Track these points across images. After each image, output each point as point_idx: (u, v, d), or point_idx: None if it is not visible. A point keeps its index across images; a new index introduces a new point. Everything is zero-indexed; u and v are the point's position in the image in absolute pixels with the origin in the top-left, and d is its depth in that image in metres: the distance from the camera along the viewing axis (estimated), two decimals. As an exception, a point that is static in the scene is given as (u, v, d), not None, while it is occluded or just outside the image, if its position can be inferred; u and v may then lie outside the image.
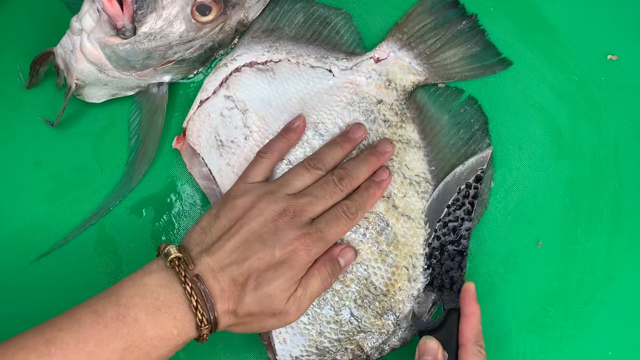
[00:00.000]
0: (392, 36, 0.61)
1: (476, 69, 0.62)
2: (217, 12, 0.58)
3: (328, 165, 0.56)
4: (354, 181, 0.55)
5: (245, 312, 0.49)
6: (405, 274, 0.58)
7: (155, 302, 0.47)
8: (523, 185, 0.62)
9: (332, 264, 0.54)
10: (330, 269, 0.53)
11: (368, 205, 0.56)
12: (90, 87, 0.60)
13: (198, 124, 0.60)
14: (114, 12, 0.54)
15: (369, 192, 0.56)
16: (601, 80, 0.63)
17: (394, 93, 0.60)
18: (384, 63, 0.61)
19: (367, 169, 0.56)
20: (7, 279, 0.60)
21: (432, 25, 0.62)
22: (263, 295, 0.49)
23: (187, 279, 0.47)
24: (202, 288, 0.48)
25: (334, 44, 0.62)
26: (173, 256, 0.48)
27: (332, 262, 0.54)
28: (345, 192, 0.55)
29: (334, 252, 0.55)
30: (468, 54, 0.62)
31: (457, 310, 0.55)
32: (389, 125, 0.59)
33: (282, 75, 0.60)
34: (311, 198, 0.53)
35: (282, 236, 0.50)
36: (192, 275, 0.48)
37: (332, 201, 0.54)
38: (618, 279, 0.60)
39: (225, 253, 0.50)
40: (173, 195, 0.62)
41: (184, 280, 0.47)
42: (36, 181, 0.62)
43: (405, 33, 0.61)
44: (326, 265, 0.53)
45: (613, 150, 0.62)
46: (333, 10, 0.62)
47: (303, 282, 0.52)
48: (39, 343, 0.44)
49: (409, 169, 0.59)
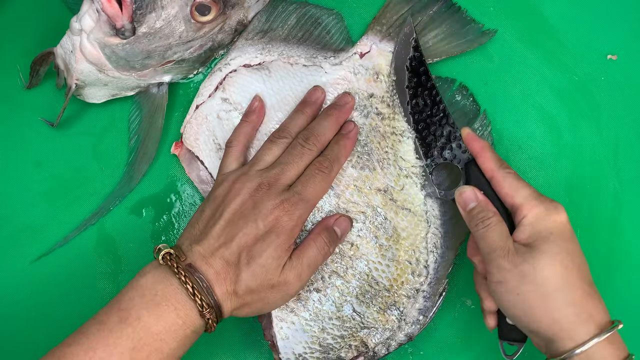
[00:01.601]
0: (372, 29, 0.62)
1: (461, 45, 0.62)
2: (216, 12, 0.58)
3: (293, 132, 0.56)
4: (320, 137, 0.56)
5: (244, 289, 0.50)
6: (408, 268, 0.58)
7: (155, 297, 0.48)
8: (523, 185, 0.62)
9: (328, 232, 0.55)
10: (327, 238, 0.54)
11: (342, 157, 0.56)
12: (90, 88, 0.60)
13: (195, 127, 0.60)
14: (113, 12, 0.54)
15: (339, 145, 0.56)
16: (601, 80, 0.63)
17: (383, 85, 0.60)
18: (369, 57, 0.61)
19: (330, 123, 0.57)
20: (7, 279, 0.60)
21: (408, 13, 0.62)
22: (256, 267, 0.50)
23: (179, 269, 0.48)
24: (197, 275, 0.49)
25: (324, 44, 0.62)
26: (164, 252, 0.50)
27: (327, 231, 0.55)
28: (314, 151, 0.55)
29: (329, 222, 0.56)
30: (449, 33, 0.62)
31: (472, 160, 0.55)
32: (382, 117, 0.59)
33: (277, 74, 0.60)
34: (282, 166, 0.54)
35: (261, 208, 0.51)
36: (185, 265, 0.49)
37: (303, 163, 0.54)
38: (618, 279, 0.60)
39: (212, 238, 0.51)
40: (173, 195, 0.62)
41: (177, 272, 0.48)
42: (36, 181, 0.62)
43: (384, 24, 0.61)
44: (321, 234, 0.54)
45: (613, 150, 0.62)
46: (325, 10, 0.62)
47: (298, 252, 0.53)
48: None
49: (404, 160, 0.59)
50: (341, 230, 0.56)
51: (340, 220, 0.56)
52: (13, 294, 0.60)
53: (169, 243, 0.61)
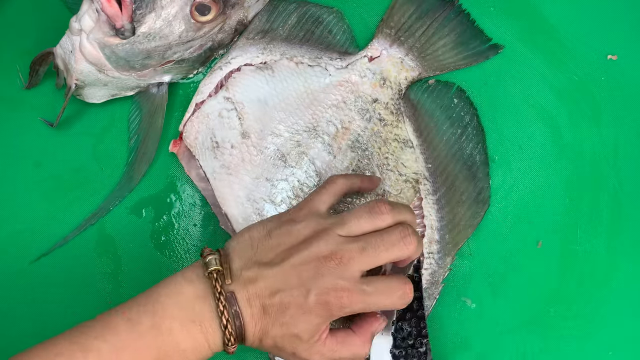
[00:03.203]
0: (381, 32, 0.62)
1: (469, 57, 0.62)
2: (216, 12, 0.58)
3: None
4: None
5: (270, 344, 0.48)
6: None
7: (190, 313, 0.46)
8: (523, 185, 0.62)
9: (372, 341, 0.51)
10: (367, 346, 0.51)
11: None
12: (90, 88, 0.60)
13: (196, 125, 0.60)
14: (113, 12, 0.54)
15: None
16: (601, 80, 0.63)
17: (389, 92, 0.60)
18: (378, 61, 0.61)
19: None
20: (7, 279, 0.60)
21: (417, 15, 0.62)
22: (287, 333, 0.47)
23: (221, 296, 0.46)
24: (234, 309, 0.47)
25: (327, 44, 0.62)
26: (212, 268, 0.47)
27: (372, 340, 0.51)
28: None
29: (374, 329, 0.51)
30: (458, 43, 0.62)
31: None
32: (385, 124, 0.60)
33: (280, 74, 0.60)
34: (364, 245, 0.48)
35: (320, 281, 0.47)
36: (227, 292, 0.47)
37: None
38: (618, 279, 0.60)
39: (262, 279, 0.47)
40: (173, 195, 0.62)
41: (217, 297, 0.46)
42: (36, 181, 0.62)
43: (393, 27, 0.61)
44: (365, 345, 0.50)
45: (613, 150, 0.62)
46: (325, 9, 0.62)
47: (334, 342, 0.49)
48: (75, 351, 0.44)
49: (405, 167, 0.59)
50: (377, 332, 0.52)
51: (382, 325, 0.52)
52: (13, 294, 0.60)
53: (168, 243, 0.61)
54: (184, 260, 0.60)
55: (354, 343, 0.50)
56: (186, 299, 0.47)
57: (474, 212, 0.59)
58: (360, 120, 0.59)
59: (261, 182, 0.58)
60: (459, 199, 0.59)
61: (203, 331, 0.46)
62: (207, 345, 0.47)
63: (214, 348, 0.47)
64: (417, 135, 0.60)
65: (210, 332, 0.47)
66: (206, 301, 0.47)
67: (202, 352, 0.47)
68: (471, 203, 0.60)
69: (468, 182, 0.60)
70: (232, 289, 0.47)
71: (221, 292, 0.46)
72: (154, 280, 0.60)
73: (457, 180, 0.60)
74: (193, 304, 0.47)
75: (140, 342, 0.45)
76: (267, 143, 0.59)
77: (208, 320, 0.47)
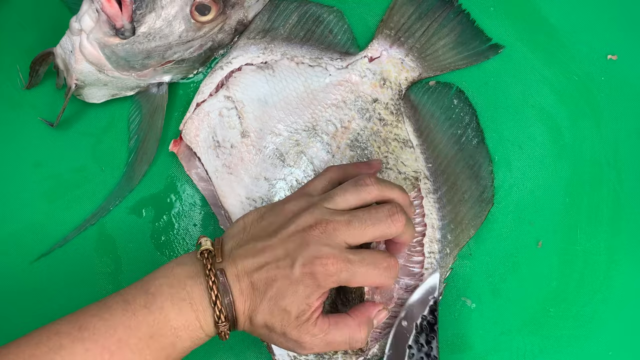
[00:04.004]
0: (381, 33, 0.62)
1: (469, 57, 0.62)
2: (216, 12, 0.58)
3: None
4: None
5: (259, 322, 0.48)
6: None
7: (181, 292, 0.47)
8: (523, 185, 0.62)
9: (367, 326, 0.51)
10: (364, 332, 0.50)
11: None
12: (90, 88, 0.60)
13: (197, 122, 0.60)
14: (113, 12, 0.54)
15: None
16: (601, 80, 0.63)
17: (389, 92, 0.60)
18: (378, 62, 0.61)
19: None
20: (7, 279, 0.60)
21: (416, 16, 0.62)
22: (276, 308, 0.47)
23: (211, 272, 0.47)
24: (223, 282, 0.47)
25: (327, 44, 0.62)
26: (203, 248, 0.49)
27: (367, 325, 0.51)
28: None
29: (371, 313, 0.51)
30: (458, 43, 0.62)
31: None
32: (385, 124, 0.60)
33: (281, 74, 0.60)
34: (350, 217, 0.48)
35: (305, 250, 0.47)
36: (217, 269, 0.48)
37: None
38: (618, 279, 0.60)
39: (251, 255, 0.48)
40: (173, 195, 0.62)
41: (207, 273, 0.47)
42: (36, 181, 0.62)
43: (393, 28, 0.62)
44: (360, 326, 0.50)
45: (613, 150, 0.62)
46: (325, 8, 0.62)
47: (326, 324, 0.49)
48: (73, 329, 0.46)
49: (404, 165, 0.59)
50: (377, 322, 0.52)
51: (382, 314, 0.52)
52: (13, 294, 0.60)
53: (168, 243, 0.61)
54: (184, 260, 0.60)
55: (348, 324, 0.49)
56: (178, 278, 0.48)
57: (477, 211, 0.59)
58: (359, 119, 0.59)
59: (260, 181, 0.58)
60: (461, 198, 0.59)
61: (194, 309, 0.47)
62: (199, 325, 0.47)
63: (206, 329, 0.48)
64: (417, 135, 0.60)
65: (201, 310, 0.47)
66: (197, 280, 0.47)
67: (194, 332, 0.47)
68: (474, 202, 0.59)
69: (470, 181, 0.60)
70: (222, 266, 0.48)
71: (211, 269, 0.47)
72: (154, 280, 0.60)
73: (458, 179, 0.60)
74: (185, 283, 0.47)
75: (133, 320, 0.46)
76: (266, 142, 0.59)
77: (198, 298, 0.47)
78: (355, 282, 0.48)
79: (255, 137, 0.59)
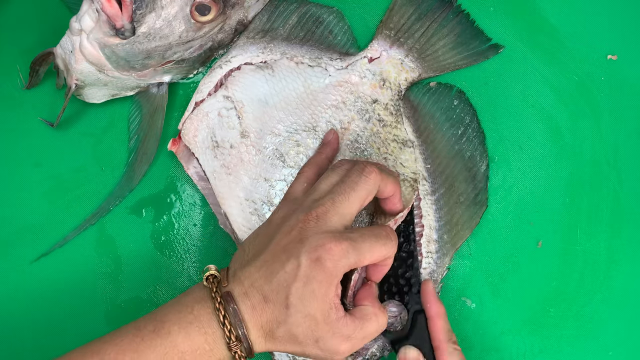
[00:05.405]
0: (380, 34, 0.62)
1: (468, 57, 0.62)
2: (216, 12, 0.58)
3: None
4: None
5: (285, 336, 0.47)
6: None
7: (188, 316, 0.47)
8: (523, 185, 0.62)
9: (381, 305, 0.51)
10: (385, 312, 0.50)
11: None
12: (90, 88, 0.60)
13: (195, 123, 0.60)
14: (113, 12, 0.54)
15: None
16: (601, 80, 0.63)
17: (389, 92, 0.60)
18: (377, 62, 0.61)
19: None
20: (7, 279, 0.60)
21: (416, 16, 0.62)
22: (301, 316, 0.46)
23: (217, 293, 0.47)
24: (232, 306, 0.47)
25: (327, 44, 0.62)
26: (208, 274, 0.49)
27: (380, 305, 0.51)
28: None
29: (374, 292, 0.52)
30: (458, 43, 0.62)
31: (423, 312, 0.54)
32: (384, 125, 0.60)
33: (280, 74, 0.60)
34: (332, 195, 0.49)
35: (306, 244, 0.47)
36: (223, 292, 0.47)
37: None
38: (618, 279, 0.60)
39: (255, 270, 0.47)
40: (173, 195, 0.62)
41: (214, 295, 0.47)
42: (36, 181, 0.62)
43: (392, 29, 0.61)
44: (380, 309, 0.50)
45: (613, 150, 0.62)
46: (325, 8, 0.62)
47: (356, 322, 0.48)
48: (86, 354, 0.47)
49: (403, 167, 0.59)
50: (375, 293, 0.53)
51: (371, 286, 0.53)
52: (13, 294, 0.60)
53: (168, 243, 0.61)
54: (184, 260, 0.60)
55: (370, 311, 0.49)
56: (185, 304, 0.48)
57: (471, 213, 0.59)
58: (359, 120, 0.59)
59: (260, 182, 0.58)
60: (457, 200, 0.59)
61: (202, 332, 0.47)
62: (208, 348, 0.47)
63: (217, 353, 0.47)
64: (417, 136, 0.60)
65: (210, 333, 0.47)
66: (204, 303, 0.47)
67: (203, 355, 0.47)
68: (469, 204, 0.60)
69: (467, 184, 0.60)
70: (228, 289, 0.48)
71: (217, 291, 0.47)
72: (154, 280, 0.60)
73: (456, 181, 0.60)
74: (192, 307, 0.47)
75: (142, 345, 0.46)
76: (265, 143, 0.59)
77: (206, 320, 0.47)
78: (363, 259, 0.47)
79: (255, 137, 0.59)
